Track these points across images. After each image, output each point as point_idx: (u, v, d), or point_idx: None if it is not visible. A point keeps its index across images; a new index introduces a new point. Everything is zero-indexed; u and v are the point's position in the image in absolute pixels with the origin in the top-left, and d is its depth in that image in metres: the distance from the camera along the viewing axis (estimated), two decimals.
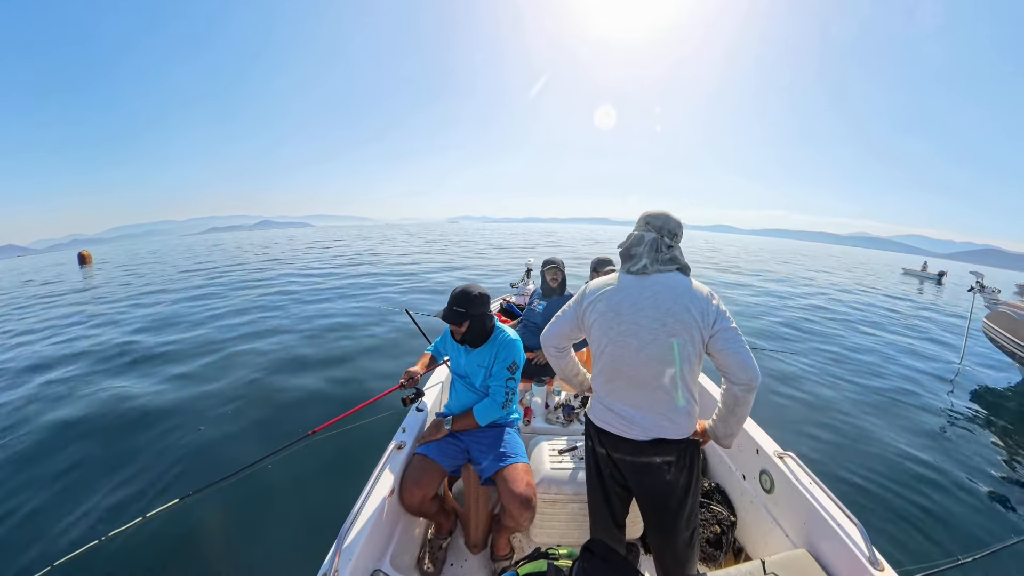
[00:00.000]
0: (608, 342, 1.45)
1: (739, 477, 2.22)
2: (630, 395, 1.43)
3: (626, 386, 1.43)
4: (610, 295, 1.47)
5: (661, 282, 1.42)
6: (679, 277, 1.44)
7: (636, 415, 1.41)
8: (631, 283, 1.45)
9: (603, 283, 1.53)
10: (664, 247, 1.46)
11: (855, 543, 1.44)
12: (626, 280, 1.47)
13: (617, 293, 1.46)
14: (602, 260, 3.19)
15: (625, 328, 1.41)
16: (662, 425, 1.40)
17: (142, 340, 6.79)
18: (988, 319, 6.82)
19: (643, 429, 1.40)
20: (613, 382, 1.46)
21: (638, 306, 1.40)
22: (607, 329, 1.45)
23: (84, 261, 25.19)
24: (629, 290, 1.44)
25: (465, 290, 1.99)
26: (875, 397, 5.20)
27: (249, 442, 3.64)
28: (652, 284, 1.42)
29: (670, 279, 1.43)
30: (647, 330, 1.38)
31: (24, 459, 3.48)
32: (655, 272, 1.44)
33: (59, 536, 2.59)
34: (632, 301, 1.42)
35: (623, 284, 1.47)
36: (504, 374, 2.01)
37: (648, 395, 1.40)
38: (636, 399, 1.42)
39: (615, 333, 1.43)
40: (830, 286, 16.77)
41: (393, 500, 1.81)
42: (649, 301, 1.39)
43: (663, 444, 1.40)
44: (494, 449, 1.96)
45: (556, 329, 1.64)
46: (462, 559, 2.07)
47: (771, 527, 1.91)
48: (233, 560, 2.46)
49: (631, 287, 1.44)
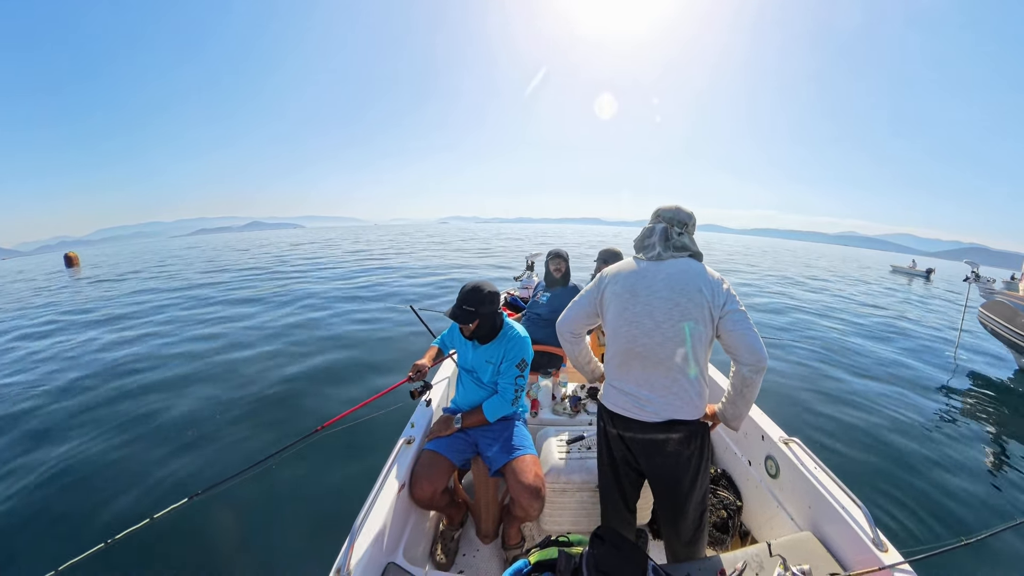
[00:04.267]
0: (623, 322, 1.50)
1: (745, 463, 2.25)
2: (644, 376, 1.47)
3: (640, 367, 1.48)
4: (626, 277, 1.54)
5: (675, 266, 1.49)
6: (692, 262, 1.51)
7: (651, 396, 1.46)
8: (647, 267, 1.52)
9: (620, 267, 1.60)
10: (675, 235, 1.53)
11: (860, 525, 1.46)
12: (642, 265, 1.54)
13: (633, 275, 1.52)
14: (613, 252, 3.19)
15: (640, 309, 1.47)
16: (675, 405, 1.44)
17: (144, 339, 6.82)
18: (984, 308, 6.84)
19: (656, 410, 1.45)
20: (628, 363, 1.51)
21: (653, 288, 1.46)
22: (623, 310, 1.50)
23: (71, 263, 24.92)
24: (644, 273, 1.51)
25: (475, 288, 1.98)
26: (874, 386, 5.25)
27: (259, 439, 3.66)
28: (666, 268, 1.49)
29: (683, 263, 1.49)
30: (661, 311, 1.43)
31: (27, 452, 3.50)
32: (669, 258, 1.51)
33: (65, 538, 2.60)
34: (647, 283, 1.48)
35: (639, 268, 1.53)
36: (513, 371, 2.02)
37: (662, 376, 1.45)
38: (650, 380, 1.46)
39: (631, 314, 1.48)
40: (818, 281, 16.79)
41: (404, 495, 1.83)
42: (663, 283, 1.45)
43: (676, 424, 1.45)
44: (502, 442, 1.98)
45: (573, 314, 1.69)
46: (474, 549, 2.10)
47: (777, 511, 1.94)
48: (246, 558, 2.47)
49: (647, 271, 1.51)
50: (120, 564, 2.29)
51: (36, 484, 3.14)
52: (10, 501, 2.95)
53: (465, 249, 25.13)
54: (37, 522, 2.77)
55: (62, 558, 1.50)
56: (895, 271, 28.24)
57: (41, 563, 2.38)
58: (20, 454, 3.56)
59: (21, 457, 3.51)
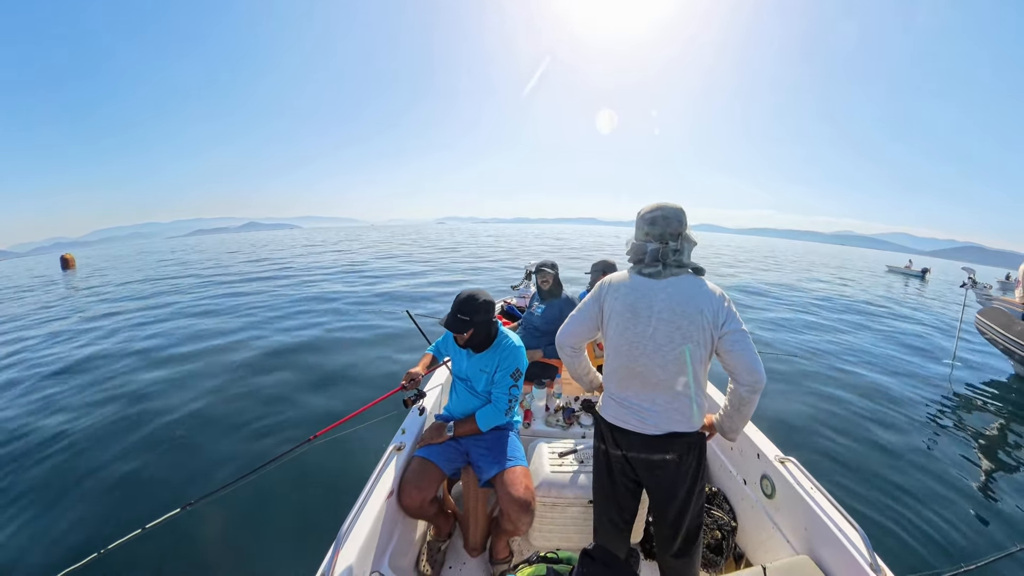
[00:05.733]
0: (624, 342, 1.47)
1: (740, 482, 2.21)
2: (646, 393, 1.46)
3: (640, 385, 1.46)
4: (626, 294, 1.48)
5: (675, 284, 1.43)
6: (692, 279, 1.45)
7: (652, 409, 1.45)
8: (645, 285, 1.46)
9: (618, 280, 1.54)
10: (671, 253, 1.45)
11: (857, 549, 1.43)
12: (640, 281, 1.48)
13: (632, 293, 1.47)
14: (609, 264, 3.19)
15: (641, 330, 1.44)
16: (675, 419, 1.44)
17: (139, 346, 6.79)
18: (981, 315, 6.79)
19: (657, 423, 1.44)
20: (627, 380, 1.49)
21: (653, 308, 1.43)
22: (624, 330, 1.47)
23: (67, 265, 24.95)
24: (644, 292, 1.45)
25: (470, 296, 1.96)
26: (870, 394, 5.18)
27: (251, 448, 3.64)
28: (666, 287, 1.43)
29: (683, 282, 1.44)
30: (663, 333, 1.41)
31: (16, 465, 3.46)
32: (668, 275, 1.45)
33: (56, 548, 2.58)
34: (648, 303, 1.44)
35: (637, 285, 1.48)
36: (507, 381, 2.00)
37: (662, 394, 1.44)
38: (651, 397, 1.45)
39: (631, 334, 1.45)
40: (817, 283, 16.83)
41: (392, 502, 1.80)
42: (664, 304, 1.42)
43: (676, 437, 1.44)
44: (493, 452, 1.96)
45: (574, 328, 1.64)
46: (460, 562, 2.06)
47: (772, 533, 1.90)
48: (233, 567, 2.45)
49: (646, 289, 1.45)
50: (113, 574, 2.24)
51: (30, 495, 3.12)
52: (8, 510, 2.94)
53: (479, 255, 24.93)
54: (29, 534, 2.74)
55: (55, 569, 1.52)
56: (891, 271, 27.91)
57: (31, 573, 2.35)
58: (15, 459, 3.54)
59: (14, 462, 3.50)
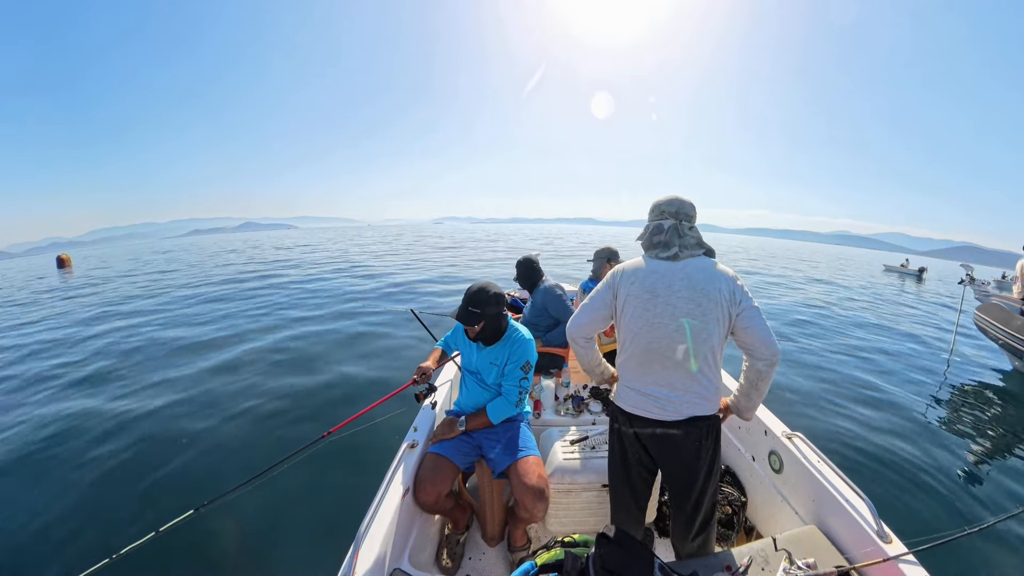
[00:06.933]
0: (644, 324, 1.47)
1: (748, 459, 2.25)
2: (665, 376, 1.47)
3: (661, 367, 1.47)
4: (644, 277, 1.50)
5: (693, 265, 1.47)
6: (707, 260, 1.49)
7: (671, 395, 1.46)
8: (664, 267, 1.48)
9: (634, 266, 1.55)
10: (686, 230, 1.51)
11: (864, 518, 1.47)
12: (658, 264, 1.50)
13: (651, 276, 1.49)
14: (612, 251, 3.22)
15: (661, 310, 1.45)
16: (695, 403, 1.45)
17: (139, 346, 6.79)
18: (979, 310, 6.92)
19: (678, 408, 1.45)
20: (647, 363, 1.49)
21: (673, 288, 1.44)
22: (643, 311, 1.48)
23: (63, 265, 24.83)
24: (663, 273, 1.47)
25: (481, 289, 1.97)
26: (873, 384, 5.29)
27: (263, 446, 3.65)
28: (684, 267, 1.46)
29: (700, 262, 1.48)
30: (683, 311, 1.42)
31: (27, 469, 3.46)
32: (686, 257, 1.48)
33: (67, 554, 2.57)
34: (667, 283, 1.45)
35: (656, 267, 1.49)
36: (518, 373, 2.02)
37: (684, 375, 1.45)
38: (671, 380, 1.46)
39: (651, 315, 1.46)
40: (813, 280, 16.89)
41: (408, 499, 1.82)
42: (683, 283, 1.44)
43: (696, 421, 1.46)
44: (506, 444, 1.98)
45: (587, 318, 1.61)
46: (480, 552, 2.10)
47: (781, 506, 1.95)
48: (251, 568, 2.45)
49: (665, 271, 1.48)
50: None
51: (42, 501, 3.11)
52: (14, 520, 2.93)
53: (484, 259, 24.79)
54: (43, 541, 2.74)
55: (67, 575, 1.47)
56: (887, 271, 28.07)
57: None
58: (26, 467, 3.54)
59: (24, 472, 3.49)
